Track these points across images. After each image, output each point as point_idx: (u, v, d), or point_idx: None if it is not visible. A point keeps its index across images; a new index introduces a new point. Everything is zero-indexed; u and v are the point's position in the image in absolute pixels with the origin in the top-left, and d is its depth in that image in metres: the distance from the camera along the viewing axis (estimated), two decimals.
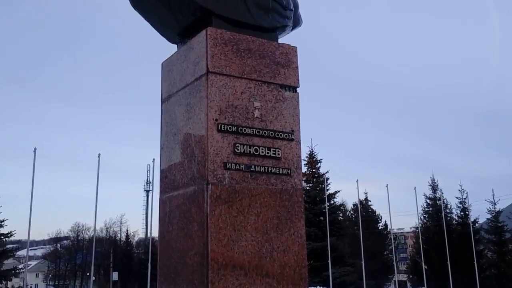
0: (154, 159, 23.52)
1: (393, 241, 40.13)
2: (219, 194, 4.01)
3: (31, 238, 25.72)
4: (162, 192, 4.64)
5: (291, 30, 5.10)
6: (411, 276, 43.92)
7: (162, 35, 4.97)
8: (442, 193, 40.20)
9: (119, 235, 69.38)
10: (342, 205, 45.42)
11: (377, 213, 49.70)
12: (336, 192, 36.47)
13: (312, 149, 36.62)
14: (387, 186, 30.44)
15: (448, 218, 37.65)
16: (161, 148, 4.73)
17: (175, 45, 4.95)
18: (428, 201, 40.69)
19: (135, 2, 4.66)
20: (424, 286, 29.72)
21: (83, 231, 69.84)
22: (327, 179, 34.80)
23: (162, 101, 4.84)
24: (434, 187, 40.84)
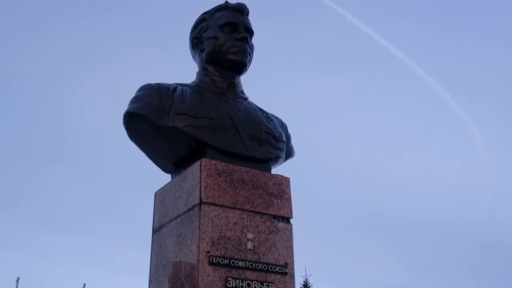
0: None
1: None
2: None
3: None
4: None
5: (284, 161, 5.21)
6: None
7: (157, 164, 5.04)
8: None
9: None
10: None
11: None
12: None
13: (306, 279, 35.44)
14: None
15: None
16: (150, 281, 4.53)
17: (169, 175, 4.99)
18: None
19: (132, 134, 4.78)
20: None
21: None
22: None
23: (153, 232, 4.74)
24: None
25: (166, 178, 5.00)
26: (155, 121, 4.49)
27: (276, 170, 4.98)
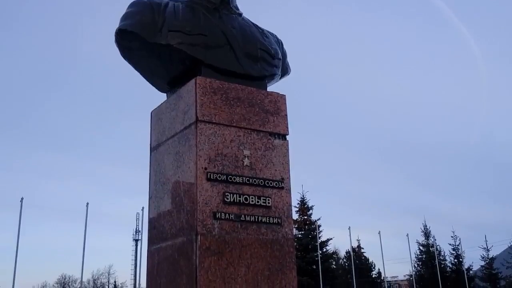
0: (143, 208, 23.32)
1: None
2: (209, 245, 3.91)
3: None
4: (150, 243, 4.52)
5: (280, 78, 5.16)
6: None
7: (152, 83, 4.99)
8: (435, 240, 39.93)
9: (107, 286, 67.37)
10: (335, 253, 44.80)
11: (370, 260, 49.05)
12: (328, 240, 36.05)
13: (303, 196, 36.48)
14: (379, 233, 30.21)
15: (442, 265, 37.20)
16: (150, 198, 4.65)
17: (165, 94, 4.96)
18: (421, 248, 40.32)
19: (125, 53, 4.69)
20: None
21: (70, 283, 67.60)
22: (319, 226, 34.47)
23: (151, 150, 4.79)
24: (426, 234, 40.61)
25: (162, 97, 4.98)
26: (147, 39, 4.39)
27: (272, 88, 4.95)
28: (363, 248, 48.71)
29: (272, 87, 4.97)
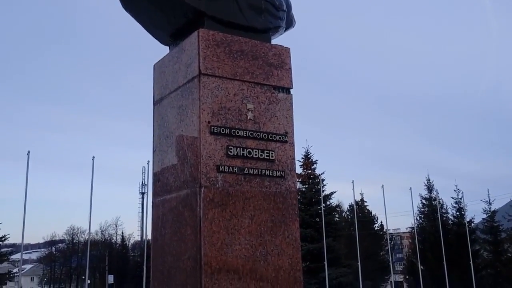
0: (149, 161, 23.48)
1: (389, 241, 40.09)
2: (212, 197, 3.97)
3: (25, 242, 25.64)
4: (154, 195, 4.59)
5: (284, 31, 5.07)
6: (407, 277, 43.93)
7: (154, 36, 4.93)
8: (438, 194, 40.30)
9: (114, 238, 69.03)
10: (338, 206, 45.42)
11: (373, 213, 49.77)
12: (332, 193, 36.43)
13: (307, 150, 36.61)
14: (382, 186, 30.49)
15: (444, 218, 37.70)
16: (154, 151, 4.68)
17: (167, 47, 4.90)
18: (423, 201, 40.74)
19: (126, 4, 4.61)
20: (420, 286, 29.73)
21: (78, 234, 69.44)
22: (323, 180, 34.77)
23: (154, 103, 4.79)
24: (429, 188, 40.92)
25: (165, 50, 4.92)
26: None
27: (276, 41, 4.88)
28: (366, 202, 49.34)
29: (276, 40, 4.89)
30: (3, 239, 38.59)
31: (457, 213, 38.95)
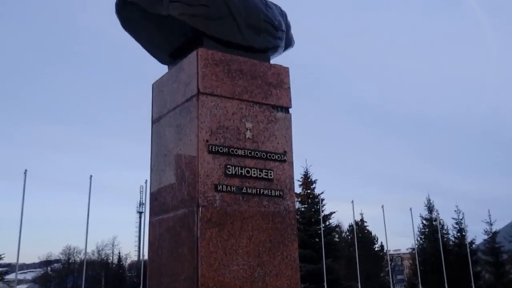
0: (146, 180, 23.34)
1: (389, 262, 39.72)
2: (210, 217, 3.92)
3: (20, 261, 25.33)
4: (151, 214, 4.54)
5: (283, 50, 5.09)
6: None
7: (153, 56, 4.94)
8: (438, 214, 40.02)
9: (111, 257, 68.35)
10: (338, 226, 45.10)
11: (373, 234, 49.41)
12: (331, 213, 36.18)
13: (307, 170, 36.52)
14: (382, 206, 30.29)
15: (445, 239, 37.42)
16: (151, 170, 4.65)
17: (166, 66, 4.91)
18: (424, 221, 40.48)
19: (125, 24, 4.63)
20: None
21: (74, 254, 68.61)
22: (322, 200, 34.62)
23: (153, 122, 4.77)
24: (430, 208, 40.69)
25: (164, 70, 4.93)
26: (148, 9, 4.32)
27: (275, 60, 4.89)
28: (366, 222, 49.03)
29: (275, 60, 4.91)
30: None
31: (458, 234, 38.67)
